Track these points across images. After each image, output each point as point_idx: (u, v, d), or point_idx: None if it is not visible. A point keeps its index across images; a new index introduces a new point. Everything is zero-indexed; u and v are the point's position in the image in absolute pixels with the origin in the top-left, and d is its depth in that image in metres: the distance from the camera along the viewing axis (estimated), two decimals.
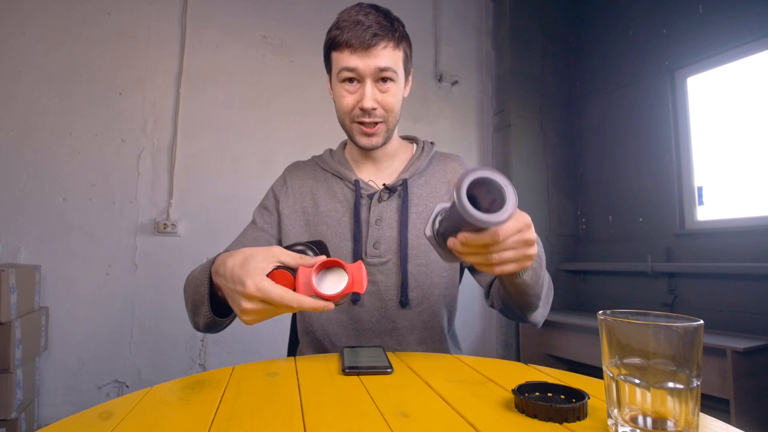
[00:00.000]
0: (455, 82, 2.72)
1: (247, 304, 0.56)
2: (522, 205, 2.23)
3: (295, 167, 0.95)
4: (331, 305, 0.57)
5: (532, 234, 0.55)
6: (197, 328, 0.74)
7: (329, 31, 0.81)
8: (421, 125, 2.57)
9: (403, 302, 0.81)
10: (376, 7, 0.80)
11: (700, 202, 2.28)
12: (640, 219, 2.49)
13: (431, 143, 0.94)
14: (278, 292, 0.54)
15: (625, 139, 2.61)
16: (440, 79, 2.66)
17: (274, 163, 2.18)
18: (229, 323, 0.73)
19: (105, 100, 1.91)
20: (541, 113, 2.80)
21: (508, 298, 0.74)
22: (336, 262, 0.59)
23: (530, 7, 2.83)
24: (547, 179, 2.78)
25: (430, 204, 0.86)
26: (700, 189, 2.28)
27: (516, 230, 0.53)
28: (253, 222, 0.90)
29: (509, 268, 0.55)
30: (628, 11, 2.64)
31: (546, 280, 0.75)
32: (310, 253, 0.64)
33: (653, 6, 2.49)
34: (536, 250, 0.57)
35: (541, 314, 0.79)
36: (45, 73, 1.83)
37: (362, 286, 0.58)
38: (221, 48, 2.14)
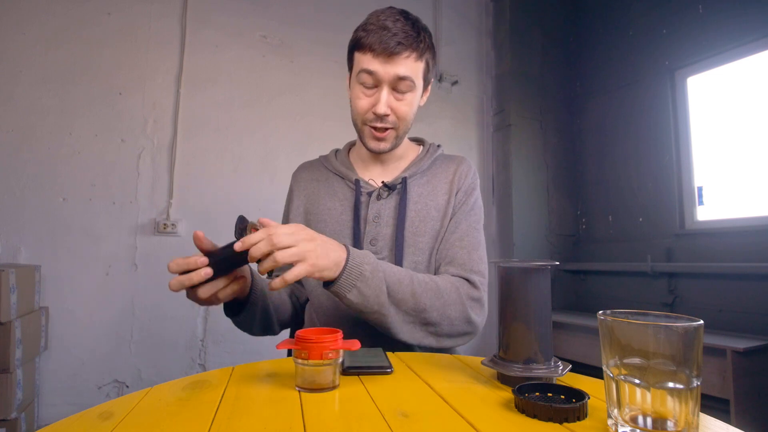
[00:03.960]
0: (455, 82, 2.72)
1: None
2: (522, 205, 2.23)
3: (300, 169, 0.99)
4: None
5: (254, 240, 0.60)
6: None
7: (356, 30, 0.81)
8: (421, 125, 2.57)
9: None
10: (406, 14, 0.80)
11: (700, 202, 2.28)
12: (640, 219, 2.49)
13: (438, 146, 0.96)
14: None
15: (625, 139, 2.61)
16: (440, 79, 2.66)
17: (274, 163, 2.18)
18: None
19: (105, 100, 1.91)
20: (541, 113, 2.80)
21: None
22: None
23: (530, 7, 2.83)
24: (547, 179, 2.78)
25: (430, 202, 0.87)
26: (700, 189, 2.28)
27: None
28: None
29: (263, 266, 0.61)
30: (628, 11, 2.64)
31: (403, 304, 0.72)
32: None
33: (653, 6, 2.49)
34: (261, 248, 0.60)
35: (405, 332, 0.74)
36: (45, 73, 1.83)
37: None
38: (221, 48, 2.14)
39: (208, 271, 0.61)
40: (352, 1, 2.33)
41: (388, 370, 0.58)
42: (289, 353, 1.00)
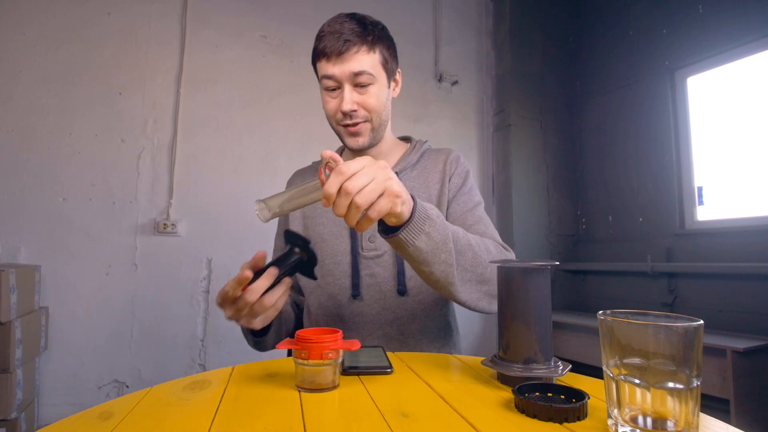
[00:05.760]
0: (455, 82, 2.72)
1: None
2: (522, 205, 2.24)
3: (295, 176, 1.02)
4: None
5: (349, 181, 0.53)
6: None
7: (314, 42, 0.84)
8: (421, 125, 2.57)
9: (401, 290, 0.83)
10: (353, 15, 0.82)
11: (700, 202, 2.28)
12: (640, 219, 2.49)
13: (425, 141, 0.98)
14: None
15: (625, 139, 2.61)
16: (440, 79, 2.66)
17: (274, 163, 2.18)
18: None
19: (105, 100, 1.91)
20: (541, 113, 2.80)
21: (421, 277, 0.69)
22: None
23: (530, 7, 2.83)
24: (547, 179, 2.78)
25: (423, 193, 0.89)
26: (700, 189, 2.28)
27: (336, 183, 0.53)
28: (277, 235, 1.01)
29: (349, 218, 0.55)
30: (628, 11, 2.64)
31: (457, 249, 0.67)
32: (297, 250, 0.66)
33: (653, 6, 2.49)
34: (365, 198, 0.53)
35: (465, 291, 0.69)
36: (45, 73, 1.83)
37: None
38: (221, 48, 2.14)
39: (272, 271, 0.62)
40: (352, 1, 2.34)
41: (388, 370, 0.58)
42: (289, 353, 1.00)
